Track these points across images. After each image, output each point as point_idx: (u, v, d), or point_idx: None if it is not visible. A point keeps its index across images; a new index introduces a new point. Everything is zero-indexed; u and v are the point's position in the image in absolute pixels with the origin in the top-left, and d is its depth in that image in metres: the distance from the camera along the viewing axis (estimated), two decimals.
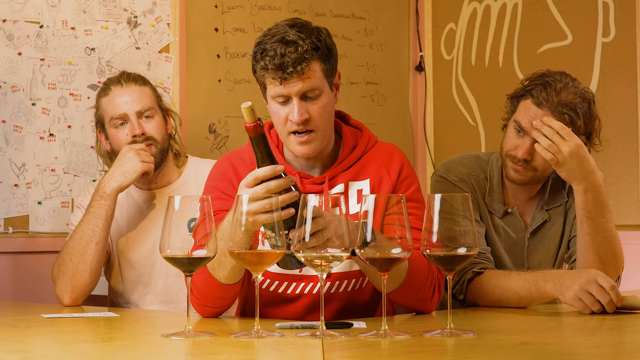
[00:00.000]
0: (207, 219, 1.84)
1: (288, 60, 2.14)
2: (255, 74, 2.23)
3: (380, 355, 1.66)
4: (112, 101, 2.77)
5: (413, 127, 4.22)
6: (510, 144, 2.56)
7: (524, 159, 2.51)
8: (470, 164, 2.68)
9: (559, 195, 2.64)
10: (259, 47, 2.18)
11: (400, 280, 2.13)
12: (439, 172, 2.68)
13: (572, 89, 2.49)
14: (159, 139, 2.78)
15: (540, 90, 2.49)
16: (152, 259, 2.79)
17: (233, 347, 1.73)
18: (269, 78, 2.17)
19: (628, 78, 3.60)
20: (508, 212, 2.62)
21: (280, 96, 2.18)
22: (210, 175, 2.35)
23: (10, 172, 3.17)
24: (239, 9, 3.65)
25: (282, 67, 2.14)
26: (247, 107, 1.94)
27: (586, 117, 2.50)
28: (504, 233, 2.62)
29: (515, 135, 2.54)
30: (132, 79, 2.81)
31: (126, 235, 2.82)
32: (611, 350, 1.72)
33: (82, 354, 1.70)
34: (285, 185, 1.95)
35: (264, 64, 2.15)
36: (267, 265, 1.89)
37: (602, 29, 3.67)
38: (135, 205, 2.84)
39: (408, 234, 1.81)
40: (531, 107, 2.50)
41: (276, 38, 2.16)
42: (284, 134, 2.23)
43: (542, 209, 2.63)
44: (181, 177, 2.88)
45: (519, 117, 2.52)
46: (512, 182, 2.59)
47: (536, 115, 2.47)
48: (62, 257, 2.66)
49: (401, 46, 4.19)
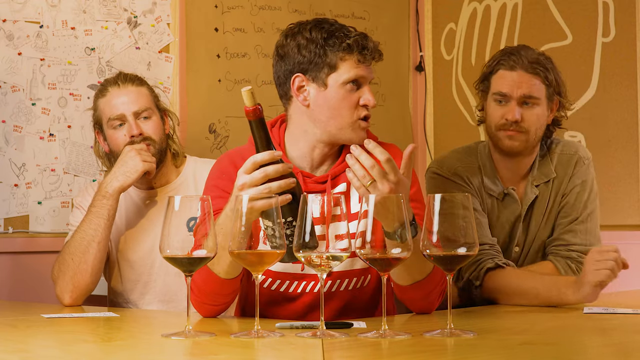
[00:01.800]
0: (207, 218, 1.84)
1: (370, 44, 2.23)
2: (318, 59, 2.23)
3: (380, 355, 1.66)
4: (109, 102, 2.77)
5: (413, 127, 4.22)
6: (496, 115, 2.66)
7: (514, 120, 2.61)
8: (461, 156, 2.76)
9: (546, 171, 2.71)
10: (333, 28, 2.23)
11: (424, 275, 2.15)
12: (432, 168, 2.76)
13: (533, 52, 2.67)
14: (157, 139, 2.78)
15: (507, 58, 2.65)
16: (151, 259, 2.79)
17: (233, 347, 1.73)
18: (350, 59, 2.22)
19: (628, 78, 3.60)
20: (506, 194, 2.69)
21: (357, 78, 2.22)
22: (211, 173, 2.35)
23: (10, 172, 3.17)
24: (239, 9, 3.65)
25: (366, 48, 2.22)
26: (247, 91, 1.96)
27: (556, 74, 2.66)
28: (503, 214, 2.69)
29: (499, 106, 2.65)
30: (129, 80, 2.80)
31: (125, 235, 2.82)
32: (611, 350, 1.72)
33: (82, 354, 1.70)
34: (283, 171, 1.96)
35: (349, 43, 2.20)
36: (267, 265, 1.89)
37: (602, 29, 3.67)
38: (134, 204, 2.84)
39: (408, 234, 1.81)
40: (505, 73, 2.64)
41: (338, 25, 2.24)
42: (351, 121, 2.25)
43: (532, 185, 2.70)
44: (179, 176, 2.88)
45: (496, 88, 2.65)
46: (508, 153, 2.67)
47: (512, 78, 2.62)
48: (63, 257, 2.66)
49: (401, 46, 4.19)
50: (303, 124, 2.28)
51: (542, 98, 2.63)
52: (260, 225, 1.91)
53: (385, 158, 1.98)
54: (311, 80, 2.25)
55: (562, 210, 2.69)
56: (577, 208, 2.67)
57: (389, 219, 1.83)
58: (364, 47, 2.22)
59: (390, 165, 1.98)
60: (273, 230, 1.87)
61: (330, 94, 2.24)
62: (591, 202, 2.69)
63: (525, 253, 2.71)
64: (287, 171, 1.97)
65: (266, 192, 1.92)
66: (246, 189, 1.96)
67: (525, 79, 2.61)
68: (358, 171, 1.98)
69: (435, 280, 2.17)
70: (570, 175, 2.69)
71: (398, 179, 1.98)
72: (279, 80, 2.29)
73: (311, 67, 2.24)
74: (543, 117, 2.65)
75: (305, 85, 2.25)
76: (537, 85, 2.62)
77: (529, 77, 2.61)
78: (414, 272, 2.13)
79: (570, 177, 2.69)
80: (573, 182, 2.69)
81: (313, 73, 2.24)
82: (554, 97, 2.66)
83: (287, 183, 1.95)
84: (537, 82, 2.62)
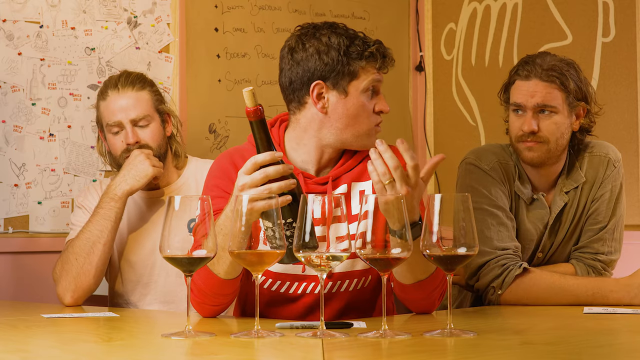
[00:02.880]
0: (206, 218, 1.84)
1: (388, 52, 2.27)
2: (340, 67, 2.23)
3: (380, 355, 1.66)
4: (108, 107, 2.77)
5: (413, 127, 4.22)
6: (514, 127, 2.62)
7: (531, 131, 2.56)
8: (498, 151, 2.70)
9: (576, 176, 2.66)
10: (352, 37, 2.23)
11: (427, 275, 2.15)
12: (469, 159, 2.69)
13: (552, 57, 2.60)
14: (154, 146, 2.77)
15: (523, 67, 2.60)
16: (151, 260, 2.79)
17: (233, 347, 1.73)
18: (370, 66, 2.24)
19: (628, 78, 3.60)
20: (535, 199, 2.65)
21: (375, 83, 2.26)
22: (210, 172, 2.35)
23: (10, 172, 3.17)
24: (239, 9, 3.65)
25: (386, 57, 2.26)
26: (248, 91, 1.96)
27: (576, 80, 2.59)
28: (530, 220, 2.65)
29: (516, 117, 2.61)
30: (130, 83, 2.79)
31: (126, 237, 2.82)
32: (611, 350, 1.72)
33: (82, 354, 1.70)
34: (283, 172, 1.96)
35: (371, 51, 2.22)
36: (267, 265, 1.89)
37: (602, 29, 3.67)
38: (136, 206, 2.84)
39: (408, 234, 1.82)
40: (520, 83, 2.60)
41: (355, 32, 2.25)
42: (369, 127, 2.28)
43: (561, 192, 2.65)
44: (180, 177, 2.88)
45: (513, 99, 2.61)
46: (530, 165, 2.63)
47: (528, 88, 2.57)
48: (66, 257, 2.67)
49: (401, 46, 4.19)
50: (314, 129, 2.26)
51: (559, 106, 2.56)
52: (260, 225, 1.91)
53: (414, 164, 1.97)
54: (331, 88, 2.24)
55: (591, 216, 2.65)
56: (607, 215, 2.64)
57: (396, 218, 1.84)
58: (384, 55, 2.25)
59: (414, 172, 1.97)
60: (273, 231, 1.87)
61: (350, 101, 2.24)
62: (620, 207, 2.66)
63: (548, 259, 2.69)
64: (287, 172, 1.97)
65: (266, 193, 1.92)
66: (246, 189, 1.95)
67: (540, 87, 2.55)
68: (379, 167, 1.96)
69: (437, 280, 2.17)
70: (601, 180, 2.65)
71: (417, 185, 1.98)
72: (294, 85, 2.25)
73: (333, 74, 2.22)
74: (563, 125, 2.58)
75: (324, 92, 2.24)
76: (553, 93, 2.55)
77: (544, 85, 2.55)
78: (417, 272, 2.13)
79: (602, 182, 2.64)
80: (604, 187, 2.64)
81: (334, 80, 2.23)
82: (576, 103, 2.59)
83: (287, 184, 1.95)
84: (552, 90, 2.55)
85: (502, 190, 2.61)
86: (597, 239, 2.63)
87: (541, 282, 2.47)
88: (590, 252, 2.63)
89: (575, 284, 2.45)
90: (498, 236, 2.55)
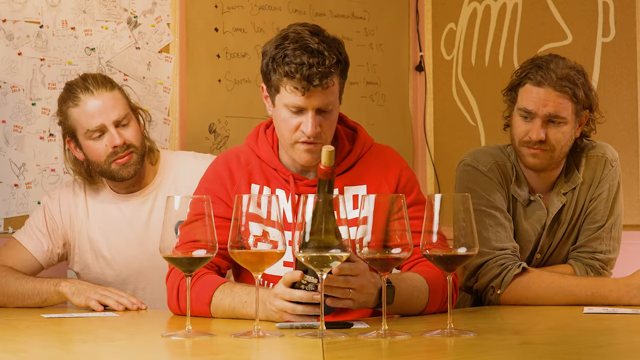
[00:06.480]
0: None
1: (315, 72, 2.09)
2: (268, 76, 2.18)
3: (380, 355, 1.66)
4: (84, 112, 2.67)
5: (413, 127, 4.22)
6: (521, 131, 2.59)
7: (539, 140, 2.54)
8: (496, 153, 2.69)
9: (574, 178, 2.66)
10: (279, 50, 2.12)
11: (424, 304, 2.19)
12: (466, 161, 2.69)
13: (564, 64, 2.56)
14: (138, 144, 2.72)
15: (536, 71, 2.55)
16: (135, 266, 2.76)
17: (233, 347, 1.73)
18: (290, 86, 2.12)
19: (628, 78, 3.60)
20: (532, 200, 2.64)
21: (296, 106, 2.15)
22: (205, 175, 2.36)
23: (10, 172, 3.17)
24: (239, 9, 3.65)
25: (309, 78, 2.09)
26: (329, 151, 1.91)
27: (585, 88, 2.56)
28: (528, 221, 2.65)
29: (524, 122, 2.58)
30: (101, 84, 2.70)
31: (108, 243, 2.78)
32: (610, 350, 1.72)
33: (82, 354, 1.70)
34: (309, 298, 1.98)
35: (288, 70, 2.10)
36: (267, 265, 1.90)
37: (602, 29, 3.67)
38: (118, 211, 2.80)
39: (408, 236, 1.82)
40: (532, 89, 2.55)
41: (299, 44, 2.10)
42: (290, 142, 2.21)
43: (559, 194, 2.65)
44: (157, 176, 2.82)
45: (523, 104, 2.57)
46: (532, 170, 2.62)
47: (539, 95, 2.53)
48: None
49: (401, 46, 4.19)
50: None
51: (569, 117, 2.54)
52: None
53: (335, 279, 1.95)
54: (267, 92, 2.24)
55: (589, 215, 2.65)
56: (604, 214, 2.64)
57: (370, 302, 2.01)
58: (307, 77, 2.09)
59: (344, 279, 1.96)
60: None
61: (276, 111, 2.22)
62: (617, 206, 2.67)
63: (546, 260, 2.69)
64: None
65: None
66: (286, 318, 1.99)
67: (552, 97, 2.52)
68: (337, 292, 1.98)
69: (438, 295, 2.19)
70: (598, 180, 2.65)
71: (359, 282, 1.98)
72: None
73: (266, 80, 2.22)
74: (569, 135, 2.57)
75: (267, 94, 2.25)
76: (565, 104, 2.53)
77: (557, 95, 2.51)
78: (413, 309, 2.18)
79: (599, 181, 2.65)
80: (602, 187, 2.64)
81: (268, 86, 2.23)
82: (582, 112, 2.58)
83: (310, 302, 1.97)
84: (564, 101, 2.52)
85: (499, 191, 2.61)
86: (595, 238, 2.63)
87: (540, 282, 2.47)
88: (588, 251, 2.63)
89: (575, 284, 2.45)
90: (496, 237, 2.55)
